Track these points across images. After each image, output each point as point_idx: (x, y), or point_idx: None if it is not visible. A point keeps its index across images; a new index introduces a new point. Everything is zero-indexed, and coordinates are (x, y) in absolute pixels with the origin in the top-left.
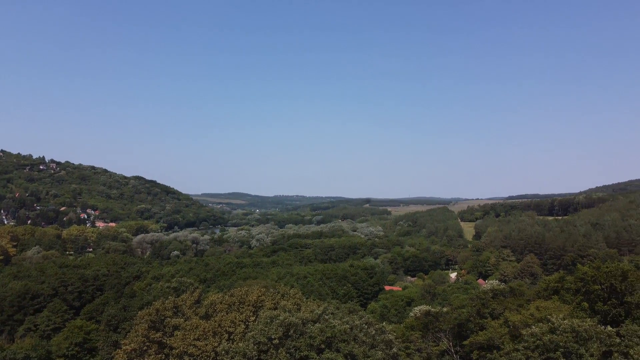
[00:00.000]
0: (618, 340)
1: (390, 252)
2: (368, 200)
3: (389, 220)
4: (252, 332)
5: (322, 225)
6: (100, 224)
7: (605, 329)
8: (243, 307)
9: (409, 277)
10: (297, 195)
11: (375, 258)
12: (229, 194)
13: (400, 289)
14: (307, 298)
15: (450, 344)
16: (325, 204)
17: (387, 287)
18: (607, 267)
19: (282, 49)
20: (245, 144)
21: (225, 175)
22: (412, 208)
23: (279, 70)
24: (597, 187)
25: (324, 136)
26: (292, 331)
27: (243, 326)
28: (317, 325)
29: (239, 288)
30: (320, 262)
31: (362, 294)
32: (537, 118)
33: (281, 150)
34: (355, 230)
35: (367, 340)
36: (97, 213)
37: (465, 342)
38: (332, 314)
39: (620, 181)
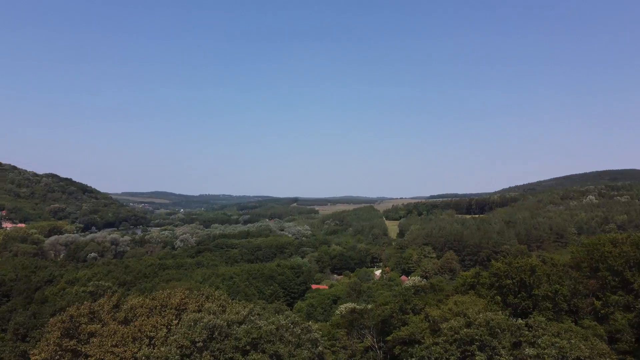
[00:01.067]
0: (527, 331)
1: (317, 251)
2: (296, 200)
3: (316, 220)
4: (175, 336)
5: (249, 225)
6: (7, 225)
7: (516, 321)
8: (165, 311)
9: (335, 275)
10: (223, 195)
11: (303, 257)
12: (152, 193)
13: (327, 287)
14: (233, 299)
15: (374, 340)
16: (253, 203)
17: (314, 286)
18: (517, 263)
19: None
20: (169, 141)
21: (148, 174)
22: (340, 207)
23: (203, 65)
24: (510, 187)
25: (251, 135)
26: (216, 333)
27: (165, 330)
28: (242, 326)
29: (161, 291)
30: (247, 262)
31: (289, 294)
32: (457, 122)
33: (207, 148)
34: (282, 230)
35: (293, 339)
36: (4, 213)
37: (388, 338)
38: (258, 314)
39: (530, 182)
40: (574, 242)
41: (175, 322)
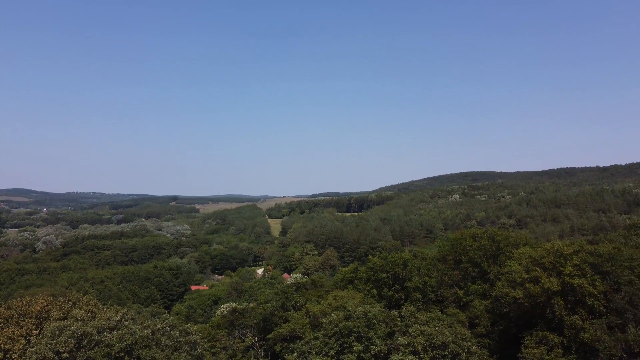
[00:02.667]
0: (399, 321)
1: (197, 251)
2: (175, 198)
3: (197, 219)
4: (35, 347)
5: (123, 225)
6: None
7: (390, 312)
8: (24, 320)
9: (216, 275)
10: (94, 193)
11: (182, 257)
12: (9, 190)
13: (208, 288)
14: (103, 304)
15: (256, 338)
16: (128, 201)
17: (193, 287)
18: (392, 258)
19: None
20: (28, 132)
21: (3, 169)
22: (222, 206)
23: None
24: (386, 186)
25: (125, 129)
26: (85, 342)
27: (24, 342)
28: (115, 332)
29: (18, 299)
30: (121, 264)
31: (166, 296)
32: (338, 124)
33: (73, 141)
34: (160, 230)
35: (171, 343)
36: None
37: (269, 336)
38: (132, 319)
39: (404, 181)
40: (441, 237)
41: (35, 332)
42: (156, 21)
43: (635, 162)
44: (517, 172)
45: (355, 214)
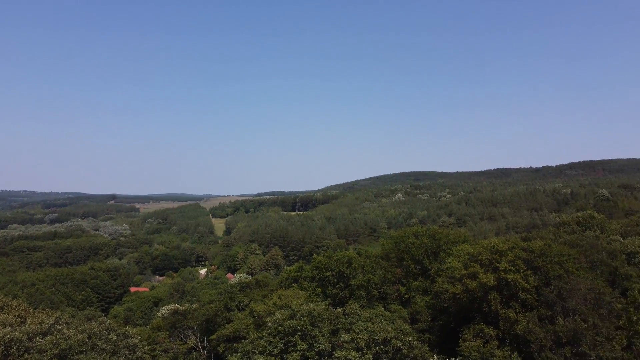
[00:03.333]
0: (344, 318)
1: (137, 252)
2: (114, 197)
3: (137, 218)
4: None
5: (57, 225)
6: None
7: (334, 310)
8: None
9: (157, 276)
10: (25, 191)
11: (121, 259)
12: None
13: (148, 289)
14: (35, 309)
15: (198, 340)
16: (62, 200)
17: (133, 289)
18: (336, 256)
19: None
20: None
21: None
22: (163, 205)
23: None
24: (332, 185)
25: (59, 124)
26: (14, 348)
27: None
28: (47, 337)
29: None
30: (54, 266)
31: (104, 298)
32: (282, 123)
33: (1, 137)
34: (97, 230)
35: (108, 347)
36: None
37: (212, 337)
38: (66, 323)
39: (349, 181)
40: (385, 236)
41: None
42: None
43: (564, 163)
44: (457, 172)
45: (301, 213)
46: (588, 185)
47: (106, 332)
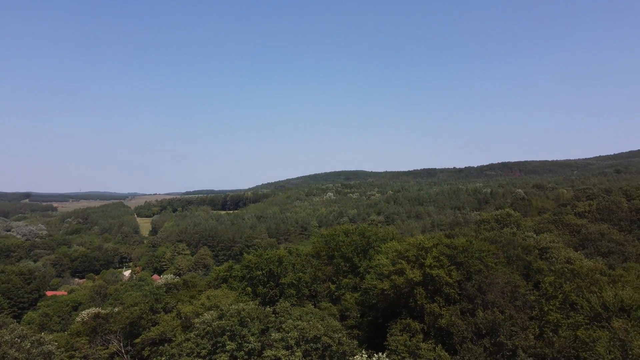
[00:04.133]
0: (274, 317)
1: (54, 253)
2: (28, 195)
3: (54, 218)
4: None
5: None
6: None
7: (264, 309)
8: None
9: (77, 279)
10: None
11: (36, 261)
12: None
13: (66, 293)
14: None
15: (121, 344)
16: None
17: (49, 293)
18: (267, 255)
19: None
20: None
21: None
22: (84, 204)
23: None
24: (263, 184)
25: None
26: None
27: None
28: None
29: None
30: None
31: (16, 304)
32: (212, 119)
33: None
34: (9, 230)
35: (21, 356)
36: None
37: (137, 340)
38: None
39: (281, 179)
40: (315, 234)
41: None
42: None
43: (485, 164)
44: (386, 171)
45: (231, 212)
46: (506, 185)
47: (19, 340)
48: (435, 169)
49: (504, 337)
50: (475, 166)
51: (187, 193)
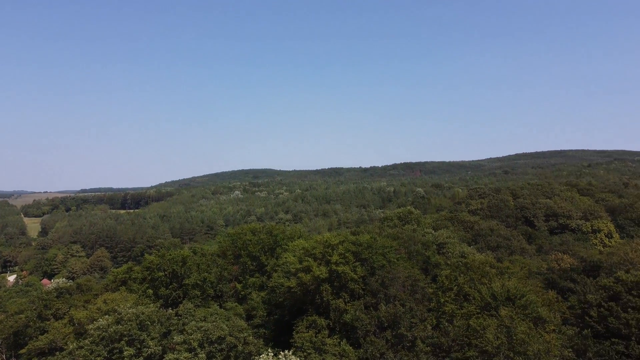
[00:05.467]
0: (176, 319)
1: None
2: None
3: None
4: None
5: None
6: None
7: (166, 311)
8: None
9: None
10: None
11: None
12: None
13: None
14: None
15: (4, 356)
16: None
17: None
18: (170, 255)
19: None
20: None
21: None
22: None
23: None
24: (166, 182)
25: None
26: None
27: None
28: None
29: None
30: None
31: None
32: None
33: None
34: None
35: None
36: None
37: (22, 351)
38: None
39: (186, 177)
40: (222, 233)
41: None
42: None
43: (388, 164)
44: (295, 170)
45: (132, 211)
46: (408, 185)
47: None
48: (342, 168)
49: (405, 329)
50: (380, 166)
51: (83, 191)
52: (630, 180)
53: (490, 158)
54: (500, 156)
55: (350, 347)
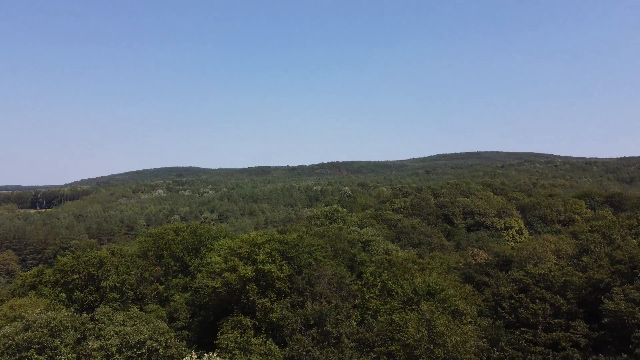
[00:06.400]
0: (92, 324)
1: None
2: None
3: None
4: None
5: None
6: None
7: (81, 316)
8: None
9: None
10: None
11: None
12: None
13: None
14: None
15: None
16: None
17: None
18: (85, 257)
19: None
20: None
21: None
22: None
23: None
24: (82, 179)
25: None
26: None
27: None
28: None
29: None
30: None
31: None
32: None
33: None
34: None
35: None
36: None
37: None
38: None
39: (104, 175)
40: (143, 233)
41: None
42: None
43: (316, 163)
44: (221, 168)
45: (44, 210)
46: (335, 184)
47: None
48: (269, 166)
49: (330, 326)
50: (308, 165)
51: None
52: (538, 181)
53: (414, 158)
54: (423, 157)
55: (277, 346)
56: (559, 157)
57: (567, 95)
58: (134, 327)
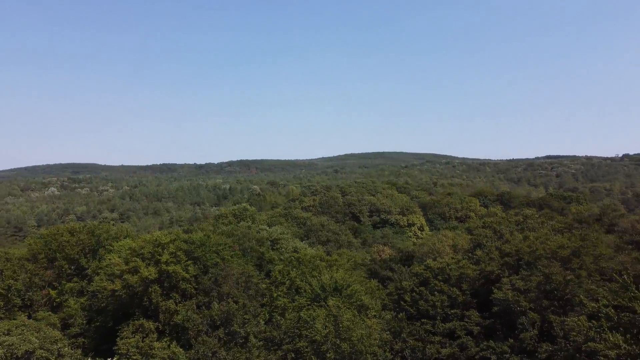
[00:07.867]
0: None
1: None
2: None
3: None
4: None
5: None
6: None
7: None
8: None
9: None
10: None
11: None
12: None
13: None
14: None
15: None
16: None
17: None
18: None
19: None
20: None
21: None
22: None
23: None
24: None
25: None
26: None
27: None
28: None
29: None
30: None
31: None
32: None
33: None
34: None
35: None
36: None
37: None
38: None
39: None
40: (33, 235)
41: None
42: None
43: (224, 161)
44: (122, 165)
45: None
46: (244, 182)
47: None
48: (175, 164)
49: (237, 326)
50: (216, 163)
51: None
52: (437, 180)
53: (323, 157)
54: (332, 156)
55: (181, 349)
56: (457, 158)
57: (466, 97)
58: (20, 336)
